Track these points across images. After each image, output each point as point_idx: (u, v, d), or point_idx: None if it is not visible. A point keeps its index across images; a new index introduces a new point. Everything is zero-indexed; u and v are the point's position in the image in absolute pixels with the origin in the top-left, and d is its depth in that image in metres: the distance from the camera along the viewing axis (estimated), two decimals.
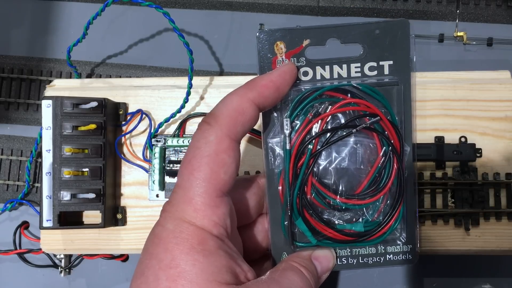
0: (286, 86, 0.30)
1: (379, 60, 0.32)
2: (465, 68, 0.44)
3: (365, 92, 0.32)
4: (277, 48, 0.31)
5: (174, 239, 0.25)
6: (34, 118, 0.53)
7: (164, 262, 0.25)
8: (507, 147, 0.41)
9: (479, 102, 0.42)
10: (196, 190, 0.26)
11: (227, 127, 0.27)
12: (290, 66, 0.30)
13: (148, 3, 0.41)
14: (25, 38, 0.55)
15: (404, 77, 0.32)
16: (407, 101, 0.32)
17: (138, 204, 0.43)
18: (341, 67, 0.32)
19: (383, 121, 0.32)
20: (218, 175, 0.26)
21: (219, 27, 0.54)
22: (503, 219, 0.41)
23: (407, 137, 0.32)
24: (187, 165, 0.27)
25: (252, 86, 0.29)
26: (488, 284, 0.47)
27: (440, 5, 0.53)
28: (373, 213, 0.33)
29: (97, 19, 0.43)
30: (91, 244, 0.43)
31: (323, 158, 0.32)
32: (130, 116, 0.43)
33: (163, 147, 0.42)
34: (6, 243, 0.50)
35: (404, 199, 0.32)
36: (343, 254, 0.33)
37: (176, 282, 0.24)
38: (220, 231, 0.26)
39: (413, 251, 0.33)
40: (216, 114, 0.28)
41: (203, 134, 0.27)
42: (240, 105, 0.28)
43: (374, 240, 0.33)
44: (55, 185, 0.40)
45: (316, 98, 0.32)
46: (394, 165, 0.32)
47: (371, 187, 0.32)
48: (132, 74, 0.53)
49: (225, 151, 0.27)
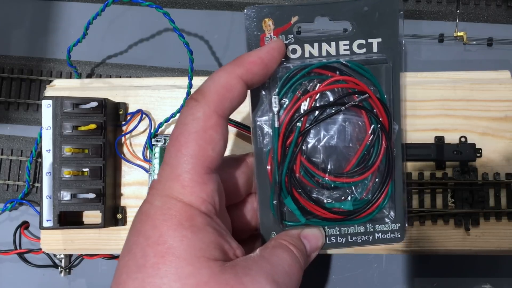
0: (274, 63, 0.30)
1: (367, 37, 0.31)
2: (465, 68, 0.44)
3: (353, 70, 0.31)
4: (265, 25, 0.31)
5: (161, 216, 0.25)
6: (34, 118, 0.53)
7: (152, 239, 0.25)
8: (507, 147, 0.41)
9: (479, 102, 0.42)
10: (183, 167, 0.26)
11: (215, 104, 0.27)
12: (278, 43, 0.30)
13: (148, 3, 0.41)
14: (25, 38, 0.55)
15: (393, 54, 0.32)
16: (396, 79, 0.32)
17: (138, 204, 0.43)
18: (330, 45, 0.31)
19: (372, 98, 0.32)
20: (206, 151, 0.26)
21: (219, 27, 0.54)
22: (503, 219, 0.41)
23: (395, 116, 0.32)
24: (174, 142, 0.27)
25: (240, 63, 0.28)
26: (488, 284, 0.47)
27: (440, 5, 0.53)
28: (361, 191, 0.33)
29: (97, 19, 0.43)
30: (91, 244, 0.43)
31: (311, 136, 0.32)
32: (130, 116, 0.43)
33: (163, 147, 0.42)
34: (6, 243, 0.50)
35: (393, 178, 0.32)
36: (332, 233, 0.33)
37: (164, 258, 0.24)
38: (208, 207, 0.26)
39: (401, 230, 0.33)
40: (204, 91, 0.27)
41: (191, 111, 0.27)
42: (228, 81, 0.28)
43: (363, 218, 0.33)
44: (55, 185, 0.40)
45: (304, 76, 0.31)
46: (383, 143, 0.32)
47: (360, 165, 0.32)
48: (132, 74, 0.53)
49: (213, 128, 0.27)
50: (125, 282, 0.24)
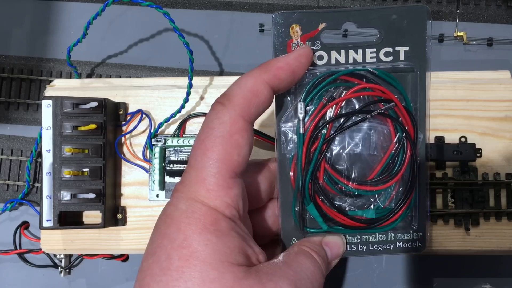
0: (302, 69, 0.30)
1: (395, 45, 0.31)
2: (465, 68, 0.44)
3: (380, 77, 0.31)
4: (292, 31, 0.31)
5: (186, 219, 0.25)
6: (34, 118, 0.53)
7: (176, 242, 0.25)
8: (507, 147, 0.41)
9: (479, 102, 0.42)
10: (209, 171, 0.26)
11: (241, 108, 0.27)
12: (306, 49, 0.30)
13: (148, 3, 0.41)
14: (25, 38, 0.55)
15: (420, 63, 0.31)
16: (422, 88, 0.32)
17: (138, 204, 0.43)
18: (357, 52, 0.31)
19: (398, 107, 0.31)
20: (231, 156, 0.26)
21: (219, 27, 0.54)
22: (503, 219, 0.41)
23: (421, 125, 0.32)
24: (200, 145, 0.27)
25: (268, 68, 0.28)
26: (488, 284, 0.47)
27: (440, 5, 0.53)
28: (384, 200, 0.32)
29: (97, 19, 0.43)
30: (91, 244, 0.43)
31: (336, 144, 0.32)
32: (130, 116, 0.43)
33: (163, 147, 0.42)
34: (6, 243, 0.50)
35: (417, 187, 0.32)
36: (353, 240, 0.32)
37: (189, 262, 0.24)
38: (232, 212, 0.26)
39: (423, 239, 0.33)
40: (230, 95, 0.27)
41: (217, 115, 0.27)
42: (255, 86, 0.27)
43: (385, 227, 0.32)
44: (55, 185, 0.40)
45: (331, 83, 0.31)
46: (408, 152, 0.32)
47: (384, 173, 0.32)
48: (132, 74, 0.53)
49: (239, 132, 0.27)
50: (149, 285, 0.25)
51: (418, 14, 0.31)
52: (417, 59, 0.31)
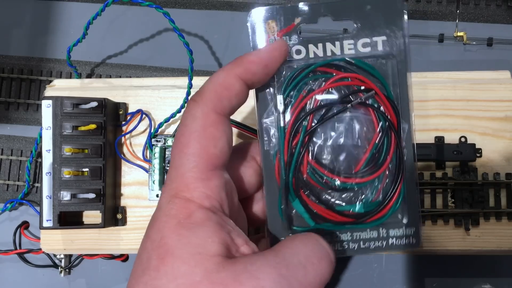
0: (275, 63, 0.29)
1: (372, 36, 0.31)
2: (465, 68, 0.44)
3: (359, 67, 0.31)
4: (268, 27, 0.31)
5: (164, 218, 0.25)
6: (34, 118, 0.53)
7: (155, 243, 0.25)
8: (507, 147, 0.41)
9: (479, 102, 0.42)
10: (186, 166, 0.26)
11: (213, 102, 0.27)
12: (279, 43, 0.30)
13: (148, 3, 0.41)
14: (25, 38, 0.55)
15: (399, 52, 0.31)
16: (402, 76, 0.31)
17: (138, 204, 0.43)
18: (334, 44, 0.31)
19: (379, 95, 0.31)
20: (208, 149, 0.26)
21: (219, 27, 0.54)
22: (503, 219, 0.41)
23: (404, 114, 0.32)
24: (177, 144, 0.27)
25: (239, 62, 0.28)
26: (488, 284, 0.47)
27: (440, 5, 0.53)
28: (373, 193, 0.32)
29: (97, 19, 0.43)
30: (91, 244, 0.43)
31: (319, 136, 0.31)
32: (130, 116, 0.43)
33: (163, 147, 0.42)
34: (6, 243, 0.50)
35: (404, 177, 0.31)
36: (344, 238, 0.31)
37: (164, 260, 0.24)
38: (212, 203, 0.26)
39: (416, 234, 0.32)
40: (202, 91, 0.28)
41: (190, 112, 0.27)
42: (226, 80, 0.28)
43: (375, 221, 0.31)
44: (55, 185, 0.40)
45: (309, 75, 0.31)
46: (392, 141, 0.31)
47: (370, 164, 0.31)
48: (132, 74, 0.53)
49: (213, 125, 0.27)
50: (133, 286, 0.25)
51: (392, 3, 0.31)
52: (395, 48, 0.31)
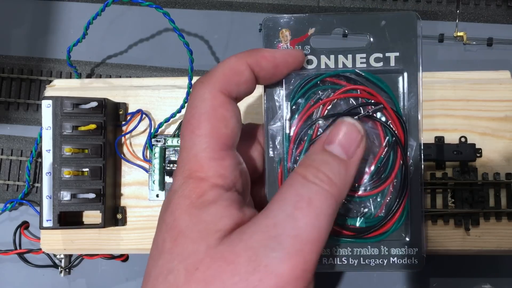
0: (286, 67, 0.30)
1: (385, 51, 0.31)
2: (465, 68, 0.44)
3: (368, 80, 0.31)
4: (282, 35, 0.31)
5: (177, 200, 0.25)
6: (34, 118, 0.53)
7: (169, 225, 0.25)
8: (507, 147, 0.41)
9: (479, 102, 0.42)
10: (199, 147, 0.26)
11: (220, 84, 0.27)
12: (298, 52, 0.30)
13: (148, 3, 0.41)
14: (25, 38, 0.55)
15: (411, 70, 0.31)
16: (414, 93, 0.31)
17: (138, 204, 0.43)
18: (346, 57, 0.31)
19: (387, 110, 0.31)
20: (219, 129, 0.26)
21: (219, 27, 0.54)
22: (503, 219, 0.41)
23: (413, 132, 0.31)
24: (187, 126, 0.27)
25: (252, 53, 0.28)
26: (488, 284, 0.47)
27: (440, 5, 0.53)
28: (376, 207, 0.31)
29: (97, 19, 0.43)
30: (91, 244, 0.43)
31: None
32: (130, 116, 0.43)
33: (163, 147, 0.42)
34: (6, 243, 0.50)
35: (409, 195, 0.31)
36: (344, 253, 0.31)
37: (177, 241, 0.24)
38: (226, 181, 0.26)
39: (419, 255, 0.31)
40: (211, 73, 0.27)
41: (198, 93, 0.27)
42: (236, 66, 0.28)
43: (375, 237, 0.31)
44: (55, 185, 0.40)
45: (318, 84, 0.31)
46: (398, 156, 0.31)
47: (374, 178, 0.31)
48: (132, 74, 0.53)
49: (222, 106, 0.27)
50: (150, 271, 0.25)
51: (407, 20, 0.31)
52: (407, 65, 0.31)
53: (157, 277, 0.24)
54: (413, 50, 0.31)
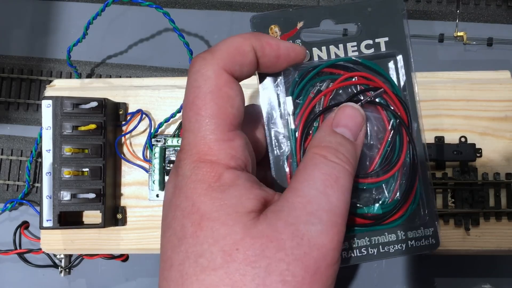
0: (286, 61, 0.29)
1: (374, 37, 0.31)
2: (465, 68, 0.44)
3: (365, 66, 0.31)
4: (271, 31, 0.31)
5: (192, 184, 0.25)
6: (34, 118, 0.53)
7: (186, 210, 0.24)
8: (507, 147, 0.41)
9: (479, 102, 0.42)
10: (206, 129, 0.25)
11: (224, 62, 0.26)
12: (301, 48, 0.30)
13: (148, 3, 0.41)
14: (25, 38, 0.55)
15: (402, 51, 0.32)
16: (408, 75, 0.32)
17: (138, 204, 0.43)
18: (338, 47, 0.31)
19: (388, 93, 0.31)
20: (225, 109, 0.25)
21: (219, 27, 0.54)
22: (503, 219, 0.41)
23: (412, 113, 0.31)
24: (191, 106, 0.26)
25: (259, 37, 0.27)
26: (488, 284, 0.47)
27: (440, 5, 0.53)
28: (389, 193, 0.31)
29: (97, 19, 0.43)
30: (91, 244, 0.43)
31: None
32: (130, 116, 0.43)
33: (163, 147, 0.42)
34: (6, 243, 0.50)
35: (419, 176, 0.31)
36: (362, 244, 0.31)
37: (201, 225, 0.24)
38: (238, 162, 0.25)
39: (435, 235, 0.31)
40: (214, 50, 0.26)
41: (200, 71, 0.26)
42: (242, 45, 0.27)
43: (393, 222, 0.31)
44: (55, 185, 0.40)
45: (315, 76, 0.31)
46: (404, 138, 0.31)
47: (384, 163, 0.31)
48: (132, 74, 0.53)
49: (227, 84, 0.26)
50: (171, 258, 0.24)
51: (392, 4, 0.31)
52: (398, 48, 0.31)
53: (183, 263, 0.23)
54: (401, 32, 0.31)
